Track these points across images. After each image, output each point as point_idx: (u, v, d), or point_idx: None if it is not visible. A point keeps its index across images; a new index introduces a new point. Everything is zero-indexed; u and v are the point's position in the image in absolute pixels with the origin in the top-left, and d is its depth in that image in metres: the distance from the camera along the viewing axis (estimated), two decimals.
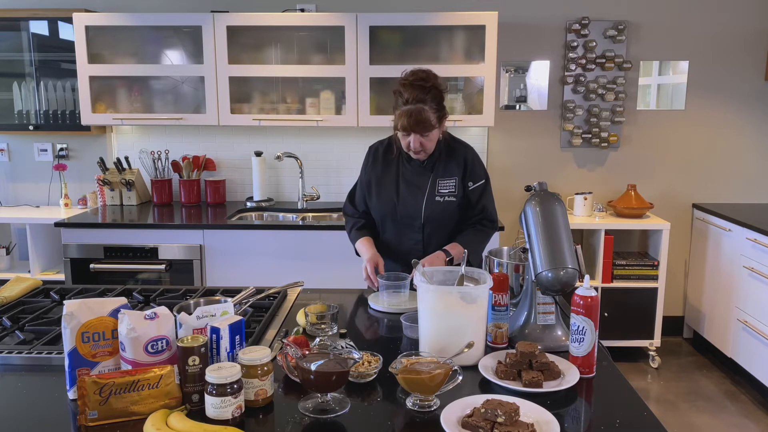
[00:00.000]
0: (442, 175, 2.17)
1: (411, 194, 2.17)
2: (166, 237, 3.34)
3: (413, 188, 2.17)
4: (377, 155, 2.25)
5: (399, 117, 2.02)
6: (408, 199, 2.17)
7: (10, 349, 1.56)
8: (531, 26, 3.83)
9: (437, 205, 2.15)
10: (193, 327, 1.37)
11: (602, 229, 3.64)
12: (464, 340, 1.48)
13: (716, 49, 3.85)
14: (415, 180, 2.18)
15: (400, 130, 2.04)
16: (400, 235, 2.20)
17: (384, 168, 2.22)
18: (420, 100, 1.98)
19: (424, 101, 1.98)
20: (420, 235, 2.18)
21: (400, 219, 2.18)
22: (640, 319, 3.69)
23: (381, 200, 2.20)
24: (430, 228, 2.17)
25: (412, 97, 1.99)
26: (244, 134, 3.96)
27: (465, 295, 1.54)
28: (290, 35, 3.64)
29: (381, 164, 2.23)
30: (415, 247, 2.19)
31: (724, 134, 3.95)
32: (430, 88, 2.00)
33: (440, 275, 1.69)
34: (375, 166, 2.24)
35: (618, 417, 1.29)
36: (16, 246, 3.89)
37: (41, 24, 3.72)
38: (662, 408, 3.25)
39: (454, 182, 2.17)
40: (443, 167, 2.17)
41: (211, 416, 1.24)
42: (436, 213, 2.15)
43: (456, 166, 2.18)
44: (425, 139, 2.04)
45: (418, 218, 2.15)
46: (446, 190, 2.16)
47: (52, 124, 3.76)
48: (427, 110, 1.99)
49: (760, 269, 3.23)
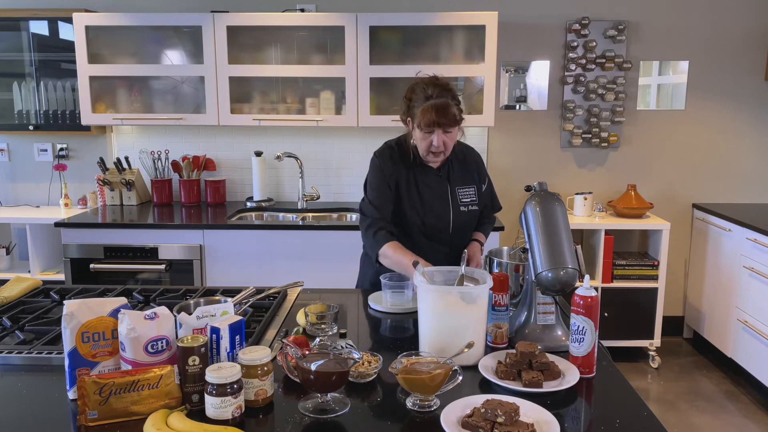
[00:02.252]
0: (459, 184, 2.14)
1: (439, 206, 2.11)
2: (166, 237, 3.34)
3: (438, 198, 2.11)
4: (394, 160, 2.10)
5: (424, 112, 1.94)
6: (438, 210, 2.11)
7: (10, 349, 1.56)
8: (531, 26, 3.83)
9: (462, 214, 2.13)
10: (193, 327, 1.37)
11: (602, 229, 3.64)
12: (464, 340, 1.48)
13: (716, 49, 3.85)
14: (437, 189, 2.12)
15: (425, 126, 1.95)
16: (428, 246, 2.13)
17: (406, 175, 2.10)
18: (444, 95, 1.97)
19: (446, 95, 1.97)
20: (448, 247, 2.15)
21: (428, 230, 2.13)
22: (640, 319, 3.69)
23: (411, 209, 2.10)
24: (456, 239, 2.16)
25: (436, 93, 1.96)
26: (244, 134, 3.96)
27: (465, 295, 1.54)
28: (290, 35, 3.64)
29: (403, 170, 2.10)
30: (443, 259, 2.12)
31: (724, 134, 3.95)
32: (449, 88, 2.00)
33: (441, 275, 1.69)
34: (397, 170, 2.09)
35: (618, 417, 1.29)
36: (16, 246, 3.89)
37: (41, 24, 3.72)
38: (662, 408, 3.25)
39: (474, 190, 2.15)
40: (458, 176, 2.15)
41: (211, 416, 1.24)
42: (461, 222, 2.13)
43: (470, 174, 2.17)
44: (447, 138, 2.00)
45: (447, 230, 2.12)
46: (468, 200, 2.14)
47: (52, 124, 3.76)
48: (451, 105, 1.97)
49: (760, 269, 3.23)
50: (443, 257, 2.13)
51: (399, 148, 2.14)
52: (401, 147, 2.14)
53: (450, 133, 1.99)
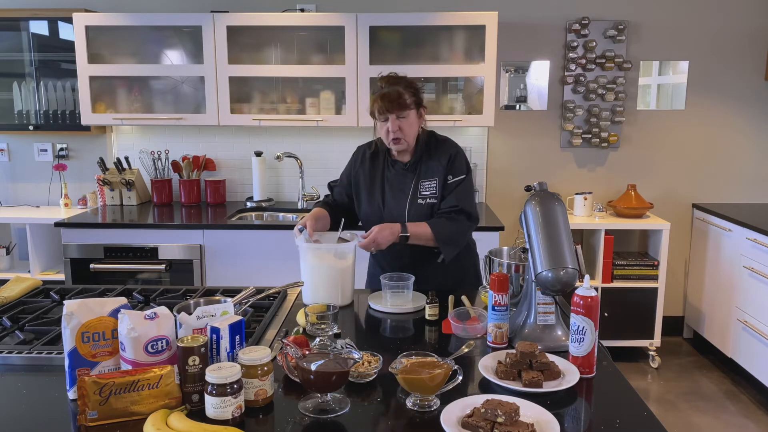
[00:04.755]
0: (424, 177, 2.17)
1: (395, 198, 2.18)
2: (166, 237, 3.34)
3: (397, 192, 2.18)
4: (365, 157, 2.27)
5: (373, 102, 2.09)
6: (392, 203, 2.18)
7: (10, 349, 1.56)
8: (531, 26, 3.83)
9: (419, 207, 2.15)
10: (193, 327, 1.37)
11: (602, 229, 3.64)
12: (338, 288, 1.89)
13: (716, 49, 3.85)
14: (398, 184, 2.19)
15: (378, 114, 2.08)
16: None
17: (370, 171, 2.24)
18: (394, 83, 2.09)
19: (398, 84, 2.09)
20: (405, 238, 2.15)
21: (385, 221, 2.15)
22: (640, 319, 3.69)
23: (368, 204, 2.22)
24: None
25: (385, 83, 2.10)
26: (244, 134, 3.96)
27: (336, 252, 1.94)
28: (290, 35, 3.64)
29: (368, 167, 2.25)
30: (403, 252, 2.16)
31: (724, 134, 3.95)
32: (403, 79, 2.13)
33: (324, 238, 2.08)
34: (363, 167, 2.26)
35: (618, 417, 1.29)
36: (16, 246, 3.89)
37: (41, 24, 3.72)
38: (662, 408, 3.25)
39: (435, 183, 2.16)
40: (425, 169, 2.17)
41: (211, 416, 1.24)
42: (419, 215, 2.15)
43: (438, 166, 2.16)
44: (404, 123, 2.07)
45: (402, 221, 2.13)
46: (428, 192, 2.16)
47: (52, 124, 3.76)
48: (402, 92, 2.07)
49: (760, 269, 3.23)
50: (400, 248, 2.12)
51: (374, 145, 2.28)
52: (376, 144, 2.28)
53: (404, 119, 2.08)
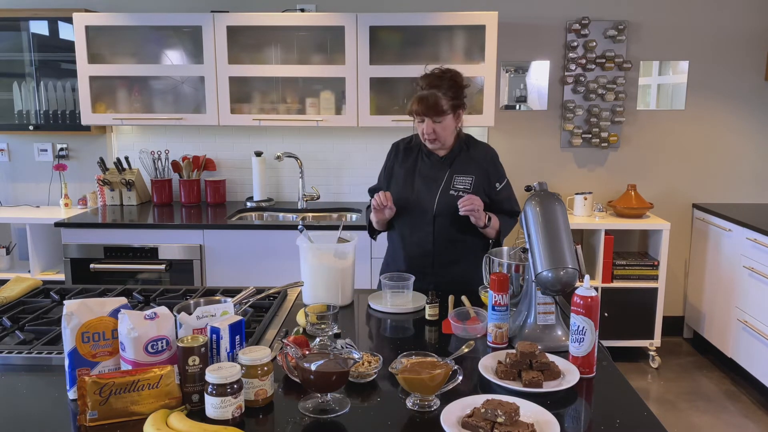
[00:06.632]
0: (459, 172, 2.19)
1: (426, 187, 2.20)
2: (166, 237, 3.34)
3: (429, 181, 2.20)
4: (399, 149, 2.31)
5: (412, 103, 2.09)
6: (423, 191, 2.19)
7: (10, 349, 1.56)
8: (531, 26, 3.83)
9: (451, 198, 2.15)
10: (193, 327, 1.37)
11: (602, 229, 3.64)
12: (338, 288, 1.87)
13: (716, 49, 3.85)
14: (431, 174, 2.21)
15: (414, 114, 2.10)
16: (412, 226, 2.21)
17: (404, 161, 2.27)
18: (434, 86, 2.08)
19: (438, 87, 2.07)
20: (431, 227, 2.17)
21: (413, 210, 2.19)
22: (640, 319, 3.69)
23: (401, 188, 2.23)
24: (441, 221, 2.17)
25: (426, 84, 2.09)
26: (244, 134, 3.96)
27: (337, 252, 1.94)
28: (290, 35, 3.64)
29: (402, 158, 2.28)
30: (426, 239, 2.18)
31: (724, 134, 3.95)
32: (447, 78, 2.10)
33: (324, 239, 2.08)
34: (396, 159, 2.29)
35: (618, 417, 1.29)
36: (16, 246, 3.89)
37: (41, 24, 3.72)
38: (662, 408, 3.25)
39: (471, 180, 2.18)
40: (462, 165, 2.20)
41: (211, 416, 1.24)
42: (447, 205, 2.15)
43: (477, 168, 2.19)
44: (438, 126, 2.09)
45: (430, 210, 2.16)
46: (461, 186, 2.17)
47: (52, 124, 3.76)
48: (441, 96, 2.06)
49: (760, 269, 3.23)
50: (424, 236, 2.18)
51: (412, 137, 2.31)
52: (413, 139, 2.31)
53: (440, 123, 2.09)
